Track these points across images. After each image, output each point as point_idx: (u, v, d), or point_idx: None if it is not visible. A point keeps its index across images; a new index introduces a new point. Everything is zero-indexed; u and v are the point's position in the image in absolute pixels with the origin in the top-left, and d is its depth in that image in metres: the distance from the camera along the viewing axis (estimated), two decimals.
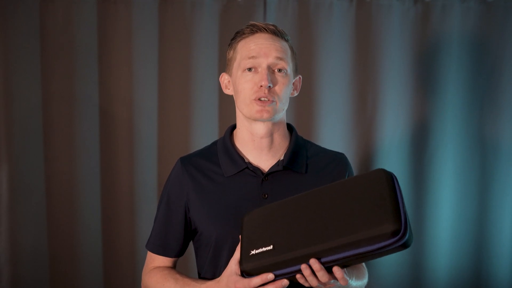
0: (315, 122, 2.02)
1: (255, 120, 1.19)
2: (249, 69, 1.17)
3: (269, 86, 1.14)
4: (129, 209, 2.05)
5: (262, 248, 1.04)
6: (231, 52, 1.23)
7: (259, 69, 1.17)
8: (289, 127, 1.30)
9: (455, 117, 2.04)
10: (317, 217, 1.02)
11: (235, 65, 1.21)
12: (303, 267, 0.98)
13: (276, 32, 1.19)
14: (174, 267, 1.32)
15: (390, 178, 1.02)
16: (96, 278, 2.09)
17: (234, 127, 1.30)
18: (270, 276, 1.02)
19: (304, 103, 2.02)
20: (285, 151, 1.24)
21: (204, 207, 1.22)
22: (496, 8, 1.99)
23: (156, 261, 1.30)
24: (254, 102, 1.16)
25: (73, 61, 1.98)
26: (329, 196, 1.05)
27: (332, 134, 2.03)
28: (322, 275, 0.98)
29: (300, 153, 1.25)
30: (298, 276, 1.01)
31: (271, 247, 1.03)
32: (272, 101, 1.16)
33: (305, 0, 1.98)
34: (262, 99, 1.15)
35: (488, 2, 2.00)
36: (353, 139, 2.05)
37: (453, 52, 2.01)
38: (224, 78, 1.27)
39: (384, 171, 1.03)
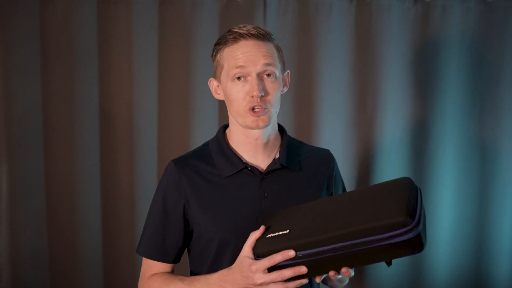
0: (315, 122, 2.02)
1: (251, 129, 1.19)
2: (238, 78, 1.17)
3: (261, 95, 1.15)
4: (129, 209, 2.05)
5: (278, 232, 1.05)
6: (217, 58, 1.21)
7: (249, 78, 1.16)
8: (279, 127, 1.31)
9: (455, 117, 2.04)
10: (336, 212, 1.05)
11: (224, 73, 1.20)
12: (331, 274, 1.03)
13: (260, 36, 1.17)
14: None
15: (414, 185, 1.07)
16: (96, 278, 2.09)
17: (225, 126, 1.30)
18: (291, 253, 1.01)
19: (304, 103, 2.02)
20: (278, 150, 1.25)
21: (204, 210, 1.21)
22: (496, 8, 1.99)
23: (153, 269, 1.26)
24: (248, 112, 1.16)
25: (73, 61, 1.98)
26: (352, 197, 1.09)
27: (332, 134, 2.03)
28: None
29: (294, 152, 1.27)
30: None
31: (287, 231, 1.04)
32: (265, 109, 1.17)
33: (305, 0, 1.98)
34: (256, 108, 1.16)
35: (488, 2, 2.00)
36: (353, 139, 2.05)
37: (453, 52, 2.01)
38: (212, 83, 1.26)
39: (410, 179, 1.09)
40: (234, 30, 1.18)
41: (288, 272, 1.02)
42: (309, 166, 1.28)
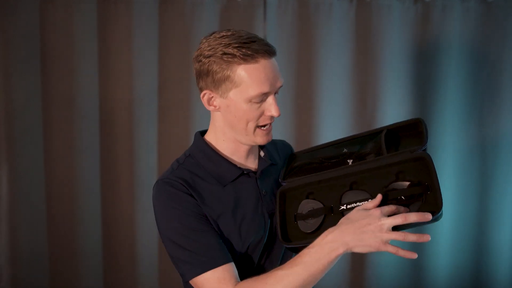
0: (315, 122, 2.02)
1: (256, 144, 1.19)
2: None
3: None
4: (129, 209, 2.05)
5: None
6: (226, 73, 1.09)
7: (266, 98, 1.12)
8: None
9: (455, 117, 2.04)
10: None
11: (236, 91, 1.10)
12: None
13: (275, 52, 1.11)
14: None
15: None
16: (96, 278, 2.09)
17: (202, 134, 1.27)
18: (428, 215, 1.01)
19: (304, 103, 2.02)
20: (257, 148, 1.26)
21: (217, 223, 1.15)
22: (496, 8, 2.00)
23: (224, 281, 1.07)
24: (259, 130, 1.15)
25: (73, 61, 1.98)
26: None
27: (332, 134, 2.03)
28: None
29: (270, 148, 1.30)
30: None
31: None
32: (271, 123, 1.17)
33: (305, 0, 1.98)
34: (266, 126, 1.15)
35: (488, 2, 2.00)
36: None
37: (453, 52, 2.01)
38: (207, 96, 1.17)
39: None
40: (245, 44, 1.07)
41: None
42: (277, 158, 1.32)
